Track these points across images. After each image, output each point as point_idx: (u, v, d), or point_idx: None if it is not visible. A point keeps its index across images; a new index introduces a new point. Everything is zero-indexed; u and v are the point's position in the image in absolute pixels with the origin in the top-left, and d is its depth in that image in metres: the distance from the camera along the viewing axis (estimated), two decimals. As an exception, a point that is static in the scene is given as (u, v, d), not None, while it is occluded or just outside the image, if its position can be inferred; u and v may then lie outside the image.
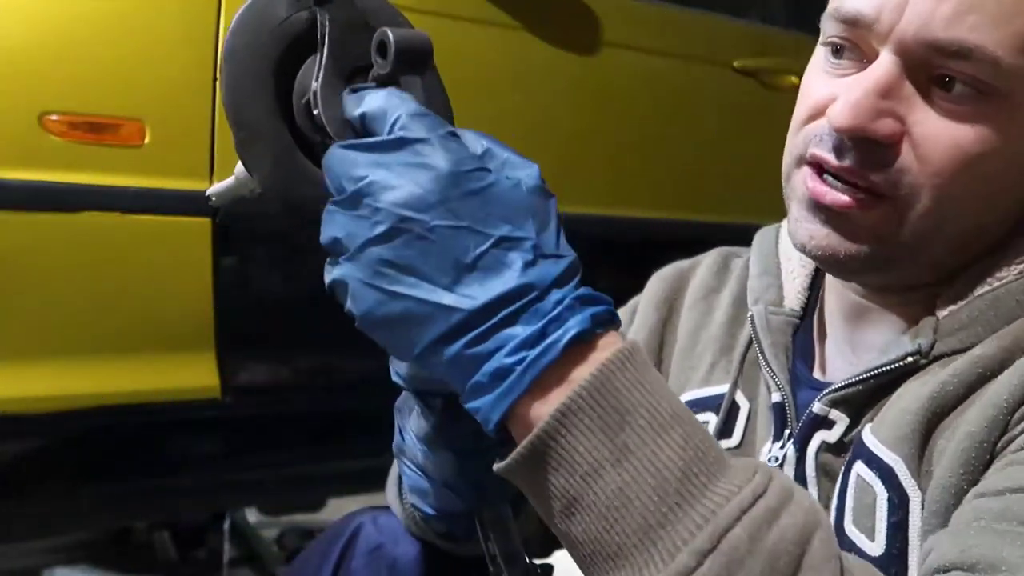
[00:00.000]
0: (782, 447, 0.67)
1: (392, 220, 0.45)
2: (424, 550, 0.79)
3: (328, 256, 0.49)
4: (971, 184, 0.59)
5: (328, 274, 0.49)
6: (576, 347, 0.46)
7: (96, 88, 1.37)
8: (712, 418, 0.74)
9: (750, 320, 0.74)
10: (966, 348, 0.61)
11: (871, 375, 0.63)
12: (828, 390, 0.65)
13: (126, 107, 1.39)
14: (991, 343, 0.60)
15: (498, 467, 0.48)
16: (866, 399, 0.64)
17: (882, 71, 0.59)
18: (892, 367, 0.62)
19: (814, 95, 0.64)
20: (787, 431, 0.68)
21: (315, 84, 0.52)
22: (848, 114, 0.59)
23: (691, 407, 0.75)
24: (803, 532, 0.45)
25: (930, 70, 0.59)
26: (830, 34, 0.63)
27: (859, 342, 0.69)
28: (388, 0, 0.57)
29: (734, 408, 0.73)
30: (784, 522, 0.44)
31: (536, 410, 0.46)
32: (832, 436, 0.65)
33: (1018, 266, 0.62)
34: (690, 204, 2.00)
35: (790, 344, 0.72)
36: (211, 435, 1.64)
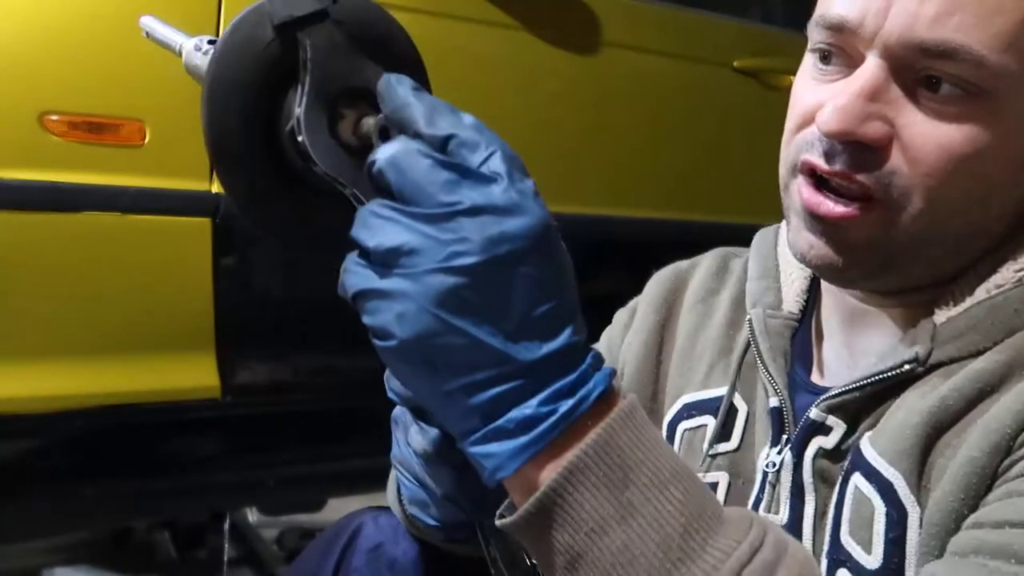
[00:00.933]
0: (779, 452, 0.67)
1: (486, 255, 0.44)
2: (424, 550, 0.79)
3: (359, 260, 0.46)
4: (963, 184, 0.59)
5: (362, 280, 0.46)
6: (597, 403, 0.47)
7: (96, 88, 1.37)
8: (711, 421, 0.74)
9: (748, 323, 0.74)
10: (964, 357, 0.61)
11: (868, 382, 0.63)
12: (824, 397, 0.65)
13: (126, 107, 1.39)
14: (991, 357, 0.59)
15: (503, 523, 0.49)
16: (863, 406, 0.64)
17: (869, 75, 0.59)
18: (889, 375, 0.62)
19: (803, 102, 0.64)
20: (784, 436, 0.68)
21: (298, 110, 0.50)
22: (836, 118, 0.59)
23: (690, 409, 0.76)
24: None
25: (916, 72, 0.59)
26: (817, 41, 0.64)
27: (857, 346, 0.69)
28: (382, 9, 0.56)
29: (732, 411, 0.73)
30: (781, 575, 0.46)
31: (546, 466, 0.46)
32: (829, 442, 0.65)
33: (1016, 274, 0.62)
34: (690, 204, 2.00)
35: (788, 347, 0.72)
36: (211, 435, 1.64)
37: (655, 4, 1.97)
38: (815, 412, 0.65)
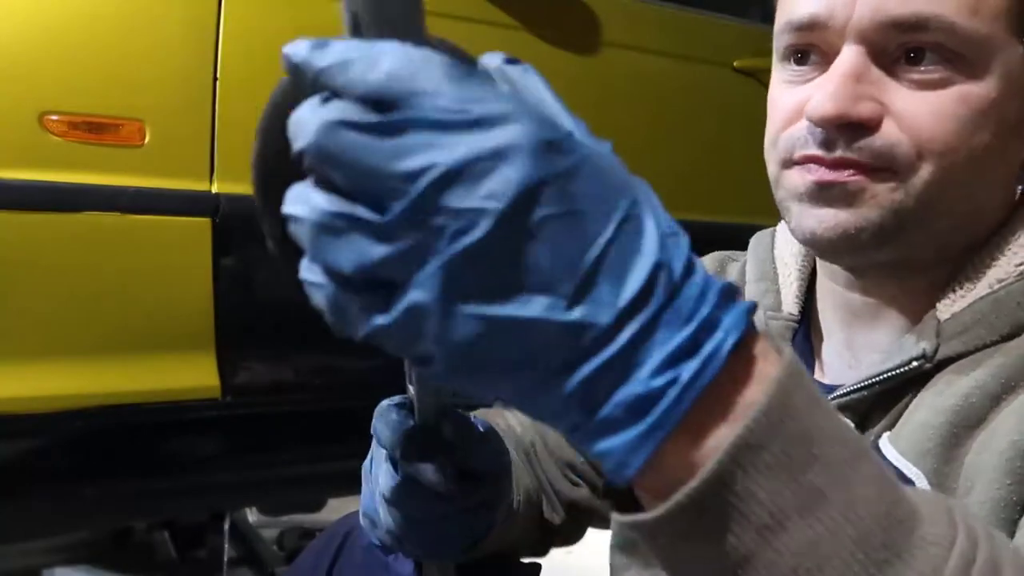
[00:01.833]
0: None
1: (486, 222, 0.32)
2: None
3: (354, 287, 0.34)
4: (962, 148, 0.60)
5: (377, 315, 0.34)
6: (736, 354, 0.35)
7: (96, 88, 1.37)
8: None
9: None
10: (970, 351, 0.61)
11: (876, 380, 0.63)
12: (833, 396, 0.65)
13: (126, 107, 1.39)
14: (1012, 352, 0.59)
15: (630, 520, 0.37)
16: (873, 405, 0.64)
17: (849, 60, 0.60)
18: (898, 372, 0.62)
19: (785, 105, 0.65)
20: None
21: None
22: (829, 103, 0.60)
23: None
24: None
25: (895, 51, 0.60)
26: (788, 43, 0.64)
27: (857, 344, 0.69)
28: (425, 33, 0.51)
29: None
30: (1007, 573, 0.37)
31: (689, 448, 0.35)
32: None
33: (1017, 268, 0.62)
34: (690, 204, 2.00)
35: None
36: (211, 435, 1.64)
37: (655, 4, 1.97)
38: None
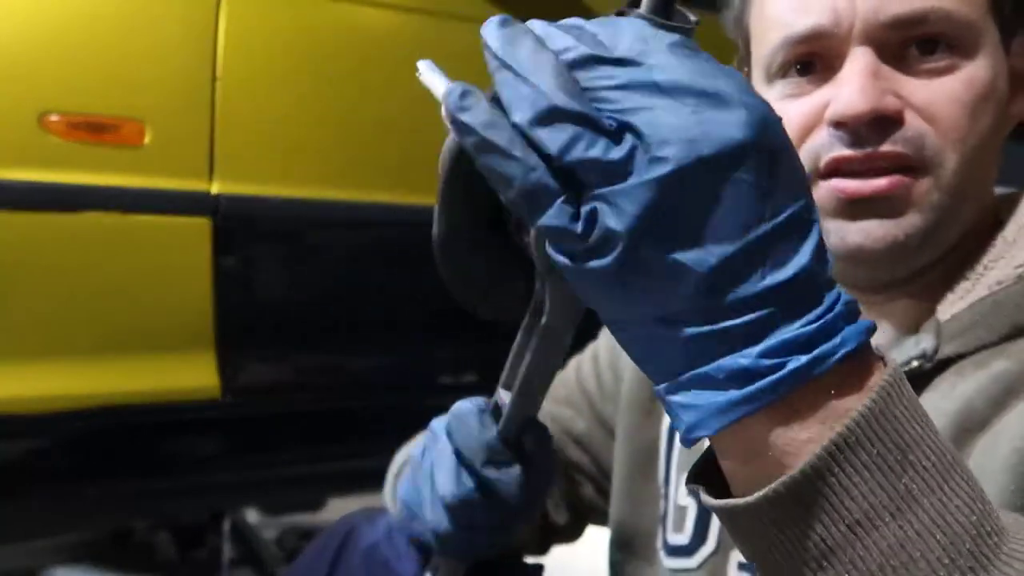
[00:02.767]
0: None
1: (679, 162, 0.34)
2: (419, 551, 0.79)
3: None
4: (974, 133, 0.62)
5: (566, 206, 0.36)
6: (845, 365, 0.37)
7: (96, 88, 1.37)
8: None
9: None
10: (969, 352, 0.61)
11: None
12: None
13: (126, 107, 1.39)
14: (1014, 356, 0.59)
15: (724, 504, 0.39)
16: None
17: (864, 59, 0.61)
18: None
19: (798, 116, 0.64)
20: None
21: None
22: (859, 99, 0.60)
23: None
24: None
25: (902, 46, 0.62)
26: (790, 57, 0.64)
27: None
28: None
29: None
30: None
31: (779, 432, 0.37)
32: None
33: (1016, 270, 0.62)
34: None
35: None
36: (211, 435, 1.65)
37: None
38: None
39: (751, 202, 0.35)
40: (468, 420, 0.64)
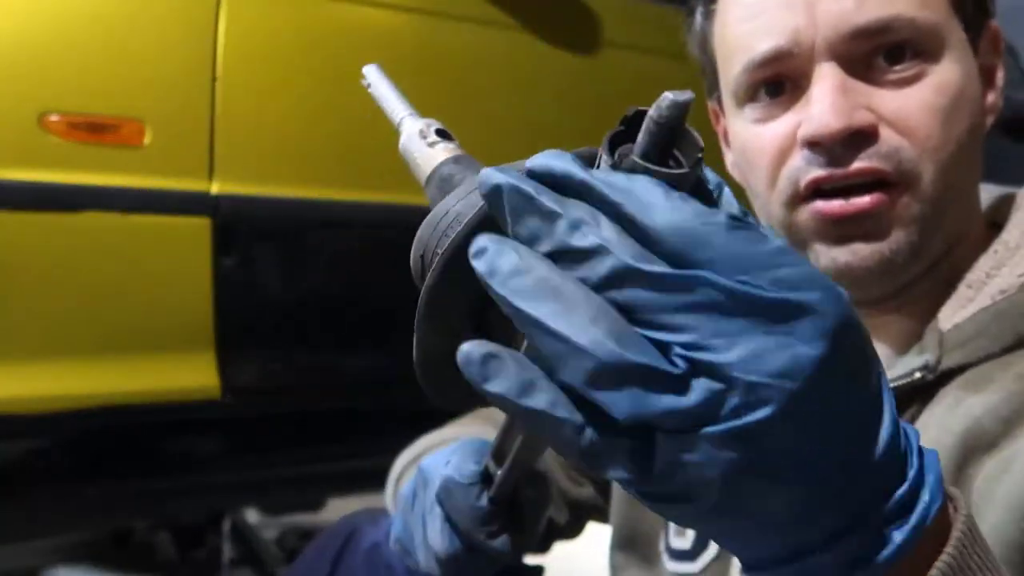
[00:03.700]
0: None
1: (776, 404, 0.29)
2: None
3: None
4: (951, 140, 0.61)
5: (643, 460, 0.31)
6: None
7: (96, 88, 1.37)
8: None
9: None
10: (972, 363, 0.60)
11: None
12: None
13: (126, 107, 1.39)
14: (1022, 371, 0.58)
15: None
16: None
17: (832, 75, 0.61)
18: (900, 384, 0.61)
19: (770, 140, 0.64)
20: None
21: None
22: (832, 117, 0.59)
23: None
24: None
25: (868, 57, 0.61)
26: (755, 80, 0.64)
27: None
28: None
29: None
30: None
31: None
32: None
33: (1019, 279, 0.62)
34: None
35: None
36: (211, 435, 1.64)
37: (655, 4, 1.97)
38: None
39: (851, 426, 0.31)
40: (458, 494, 0.62)
